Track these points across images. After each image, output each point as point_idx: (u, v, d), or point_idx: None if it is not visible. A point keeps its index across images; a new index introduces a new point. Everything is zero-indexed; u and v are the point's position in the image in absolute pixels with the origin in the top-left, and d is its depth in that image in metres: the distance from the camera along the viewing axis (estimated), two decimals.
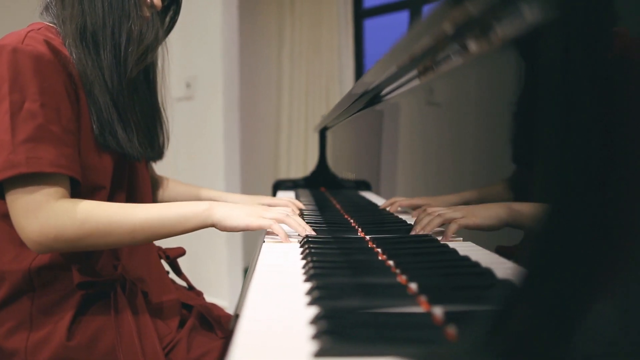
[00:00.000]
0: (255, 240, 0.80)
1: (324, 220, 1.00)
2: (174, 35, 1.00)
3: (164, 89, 0.98)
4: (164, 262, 1.01)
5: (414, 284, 0.50)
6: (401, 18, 2.80)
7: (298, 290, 0.50)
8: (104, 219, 0.73)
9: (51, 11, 0.82)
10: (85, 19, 0.78)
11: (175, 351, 0.79)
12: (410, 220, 0.87)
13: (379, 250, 0.69)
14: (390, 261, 0.61)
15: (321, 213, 1.12)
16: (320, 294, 0.47)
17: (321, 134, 2.03)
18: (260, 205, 0.96)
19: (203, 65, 2.44)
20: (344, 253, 0.67)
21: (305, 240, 0.74)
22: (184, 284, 1.05)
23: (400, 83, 0.95)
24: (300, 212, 1.06)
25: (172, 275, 1.03)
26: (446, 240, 0.70)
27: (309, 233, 0.79)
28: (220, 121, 2.40)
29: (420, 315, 0.43)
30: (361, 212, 1.11)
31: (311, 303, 0.46)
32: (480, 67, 0.62)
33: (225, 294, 2.42)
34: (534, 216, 0.30)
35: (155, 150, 0.96)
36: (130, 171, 0.89)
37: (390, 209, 0.99)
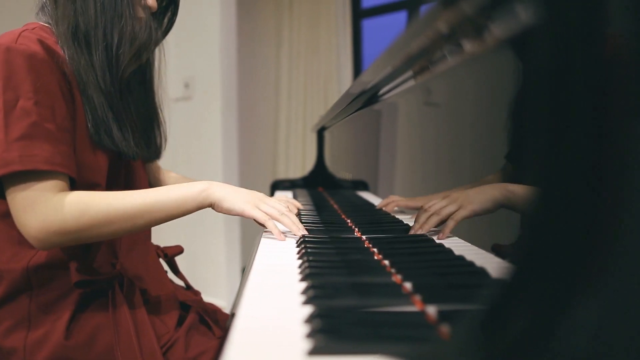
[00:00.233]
0: (253, 240, 0.81)
1: (321, 220, 1.01)
2: (172, 36, 1.00)
3: (161, 89, 0.99)
4: (162, 261, 1.01)
5: (409, 284, 0.51)
6: (399, 18, 2.80)
7: (294, 289, 0.51)
8: (102, 207, 0.73)
9: (46, 11, 0.83)
10: (77, 19, 0.78)
11: (173, 350, 0.80)
12: (406, 220, 0.88)
13: (374, 250, 0.69)
14: (386, 261, 0.62)
15: (318, 213, 1.12)
16: (316, 293, 0.48)
17: (319, 134, 2.03)
18: (261, 193, 0.97)
19: (201, 65, 2.44)
20: (340, 253, 0.67)
21: (302, 240, 0.74)
22: (182, 283, 1.05)
23: (398, 82, 0.95)
24: (297, 212, 1.06)
25: (171, 275, 1.04)
26: (443, 238, 0.71)
27: (304, 232, 0.79)
28: (219, 121, 2.40)
29: (414, 314, 0.43)
30: (358, 212, 1.11)
31: (306, 302, 0.46)
32: (477, 67, 0.63)
33: (223, 294, 2.43)
34: (528, 198, 0.30)
35: (152, 150, 0.96)
36: (126, 170, 0.89)
37: (386, 208, 1.00)
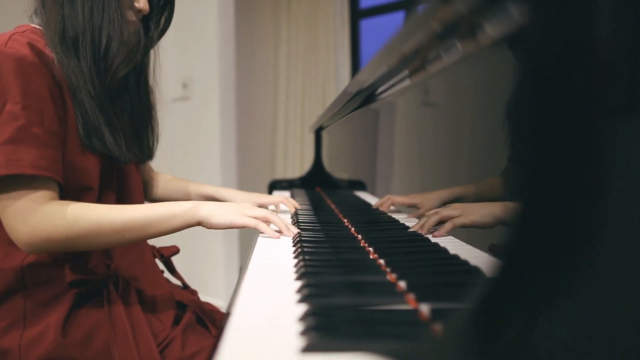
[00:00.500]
0: (251, 240, 0.81)
1: (318, 219, 1.01)
2: (170, 36, 1.00)
3: (157, 91, 0.99)
4: (158, 262, 1.01)
5: (403, 282, 0.51)
6: (397, 19, 2.81)
7: (289, 288, 0.51)
8: (93, 220, 0.73)
9: (38, 14, 0.83)
10: (65, 23, 0.78)
11: (170, 348, 0.80)
12: (402, 220, 0.88)
13: (370, 249, 0.70)
14: (381, 260, 0.62)
15: (316, 213, 1.12)
16: (310, 291, 0.48)
17: (317, 134, 2.04)
18: (249, 203, 0.97)
19: (199, 65, 2.44)
20: (336, 252, 0.68)
21: (298, 240, 0.75)
22: (178, 283, 1.05)
23: (395, 82, 0.96)
24: (295, 212, 1.07)
25: (167, 274, 1.04)
26: (438, 236, 0.71)
27: (294, 232, 0.80)
28: (217, 121, 2.40)
29: (407, 312, 0.43)
30: (355, 212, 1.11)
31: (301, 300, 0.46)
32: (475, 66, 0.63)
33: (221, 293, 2.43)
34: (520, 214, 0.30)
35: (144, 152, 0.96)
36: (119, 172, 0.89)
37: (382, 207, 1.00)
